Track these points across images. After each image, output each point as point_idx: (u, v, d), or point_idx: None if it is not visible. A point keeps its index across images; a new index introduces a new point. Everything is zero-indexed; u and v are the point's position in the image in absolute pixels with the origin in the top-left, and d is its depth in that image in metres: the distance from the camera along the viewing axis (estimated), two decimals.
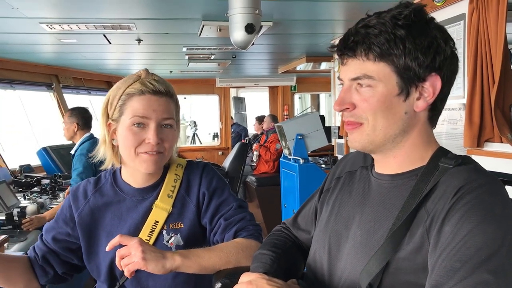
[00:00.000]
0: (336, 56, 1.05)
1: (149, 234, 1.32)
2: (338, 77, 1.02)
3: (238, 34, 2.47)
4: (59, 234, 1.40)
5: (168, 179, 1.39)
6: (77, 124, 3.60)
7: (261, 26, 2.64)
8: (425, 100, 0.93)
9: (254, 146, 6.41)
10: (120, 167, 1.42)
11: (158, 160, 1.30)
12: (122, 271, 1.26)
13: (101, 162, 1.40)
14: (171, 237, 1.33)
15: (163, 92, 1.29)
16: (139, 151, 1.28)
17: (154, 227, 1.32)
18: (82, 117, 3.63)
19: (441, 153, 0.97)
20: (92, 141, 3.48)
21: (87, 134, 3.62)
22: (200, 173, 1.42)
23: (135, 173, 1.37)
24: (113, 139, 1.34)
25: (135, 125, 1.27)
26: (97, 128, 1.42)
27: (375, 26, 0.91)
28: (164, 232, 1.33)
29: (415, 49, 0.89)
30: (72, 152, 3.56)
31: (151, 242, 1.31)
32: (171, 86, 1.36)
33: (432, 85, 0.92)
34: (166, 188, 1.37)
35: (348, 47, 0.94)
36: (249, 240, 1.30)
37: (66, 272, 1.42)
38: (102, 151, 1.37)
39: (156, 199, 1.35)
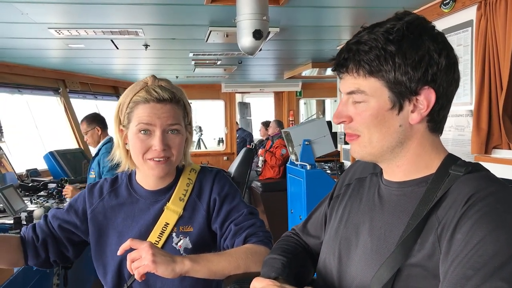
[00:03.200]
0: None
1: (159, 235, 1.34)
2: (339, 89, 1.03)
3: (245, 40, 2.48)
4: (66, 223, 1.42)
5: (180, 182, 1.42)
6: (99, 127, 3.83)
7: (269, 32, 2.65)
8: (420, 113, 0.93)
9: (260, 151, 6.41)
10: (135, 169, 1.45)
11: (165, 166, 1.33)
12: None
13: (118, 165, 1.43)
14: (180, 239, 1.35)
15: (168, 99, 1.31)
16: (146, 157, 1.31)
17: (164, 229, 1.35)
18: (100, 120, 3.89)
19: (451, 160, 0.97)
20: (113, 142, 3.62)
21: (108, 137, 3.85)
22: (212, 178, 1.44)
23: (147, 176, 1.40)
24: (126, 144, 1.37)
25: (141, 132, 1.30)
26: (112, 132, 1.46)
27: (366, 42, 0.92)
28: (174, 234, 1.35)
29: (405, 64, 0.89)
30: (94, 153, 3.75)
31: (161, 243, 1.33)
32: (180, 90, 1.38)
33: (426, 98, 0.92)
34: (178, 192, 1.40)
35: (340, 63, 0.96)
36: (259, 246, 1.31)
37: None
38: (118, 155, 1.40)
39: (168, 202, 1.38)
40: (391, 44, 0.89)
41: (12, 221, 2.79)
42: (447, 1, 2.71)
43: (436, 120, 0.96)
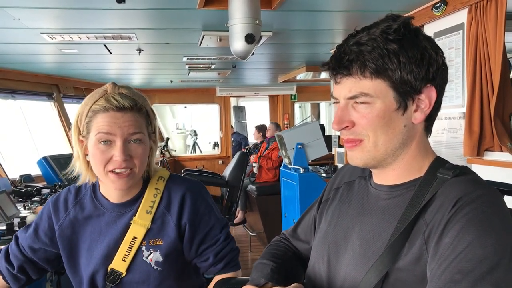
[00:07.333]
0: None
1: (127, 249, 1.31)
2: (331, 95, 1.01)
3: (238, 44, 2.48)
4: (36, 244, 1.40)
5: (147, 194, 1.36)
6: None
7: (261, 36, 2.65)
8: (423, 111, 0.94)
9: (253, 158, 6.31)
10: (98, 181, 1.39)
11: (128, 180, 1.27)
12: (104, 283, 1.31)
13: (78, 177, 1.37)
14: (151, 253, 1.32)
15: (129, 107, 1.25)
16: (108, 169, 1.25)
17: (133, 243, 1.31)
18: None
19: (439, 163, 0.97)
20: None
21: None
22: (180, 197, 1.37)
23: (110, 189, 1.35)
24: (86, 155, 1.31)
25: (101, 142, 1.24)
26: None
27: (367, 42, 0.91)
28: (144, 248, 1.32)
29: (409, 62, 0.90)
30: None
31: (130, 257, 1.30)
32: (142, 97, 1.32)
33: (427, 96, 0.93)
34: (145, 204, 1.34)
35: (343, 66, 0.94)
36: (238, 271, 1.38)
37: (39, 277, 1.44)
38: (78, 167, 1.34)
39: (135, 215, 1.33)
40: (392, 43, 0.90)
41: (4, 227, 2.78)
42: (438, 4, 2.72)
43: (433, 119, 0.98)
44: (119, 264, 1.30)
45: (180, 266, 1.36)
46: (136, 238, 1.31)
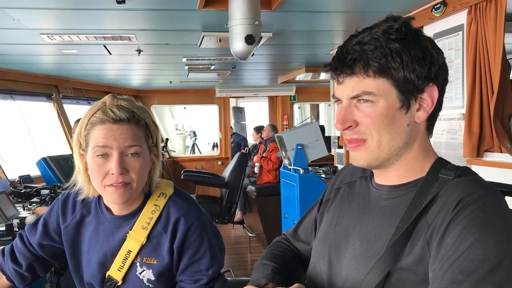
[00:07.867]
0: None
1: (122, 261, 1.30)
2: (333, 96, 1.01)
3: (238, 45, 2.48)
4: (46, 240, 1.40)
5: (145, 209, 1.32)
6: None
7: (261, 37, 2.65)
8: (425, 110, 0.94)
9: (255, 158, 6.34)
10: None
11: (125, 193, 1.23)
12: (102, 285, 1.31)
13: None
14: (144, 270, 1.30)
15: (125, 119, 1.22)
16: (105, 184, 1.22)
17: (127, 256, 1.30)
18: None
19: (440, 164, 0.97)
20: None
21: None
22: (176, 218, 1.31)
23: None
24: (88, 169, 1.28)
25: (98, 156, 1.21)
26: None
27: (369, 42, 0.91)
28: (138, 264, 1.30)
29: (412, 61, 0.90)
30: None
31: (124, 270, 1.29)
32: (142, 109, 1.29)
33: (430, 95, 0.94)
34: (142, 220, 1.31)
35: (346, 65, 0.94)
36: None
37: (45, 274, 1.44)
38: (80, 181, 1.32)
39: (131, 229, 1.31)
40: (394, 43, 0.90)
41: (4, 228, 2.77)
42: (438, 6, 2.73)
43: (435, 118, 0.98)
44: (115, 272, 1.30)
45: (172, 285, 1.35)
46: (131, 251, 1.29)
